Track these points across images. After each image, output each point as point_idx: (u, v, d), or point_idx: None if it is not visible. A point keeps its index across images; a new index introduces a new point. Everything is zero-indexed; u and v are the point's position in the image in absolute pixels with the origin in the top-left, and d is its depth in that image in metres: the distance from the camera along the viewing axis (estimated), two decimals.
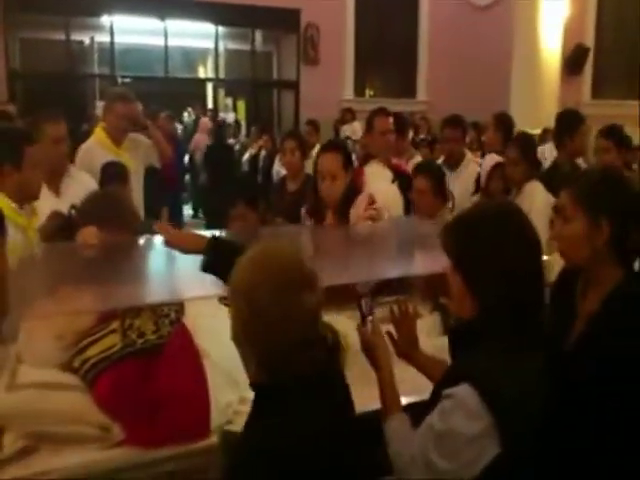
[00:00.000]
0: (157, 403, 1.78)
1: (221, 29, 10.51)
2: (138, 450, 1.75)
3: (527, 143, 3.57)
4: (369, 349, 1.66)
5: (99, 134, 3.84)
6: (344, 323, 2.18)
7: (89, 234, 2.13)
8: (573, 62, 10.09)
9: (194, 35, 10.96)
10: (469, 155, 4.31)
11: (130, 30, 10.15)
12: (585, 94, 10.69)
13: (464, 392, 1.27)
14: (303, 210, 3.05)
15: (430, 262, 1.93)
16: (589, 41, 10.53)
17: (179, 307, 2.02)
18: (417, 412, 1.43)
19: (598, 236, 1.48)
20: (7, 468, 1.62)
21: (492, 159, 3.95)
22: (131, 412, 1.77)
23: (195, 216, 9.40)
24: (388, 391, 1.56)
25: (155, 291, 2.09)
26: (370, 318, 1.71)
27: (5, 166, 2.39)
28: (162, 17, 9.81)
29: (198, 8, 9.57)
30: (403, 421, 1.49)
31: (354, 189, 2.83)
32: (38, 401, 1.72)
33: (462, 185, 3.86)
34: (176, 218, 7.93)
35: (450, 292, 1.43)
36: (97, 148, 3.77)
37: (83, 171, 3.41)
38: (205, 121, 10.43)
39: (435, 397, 1.36)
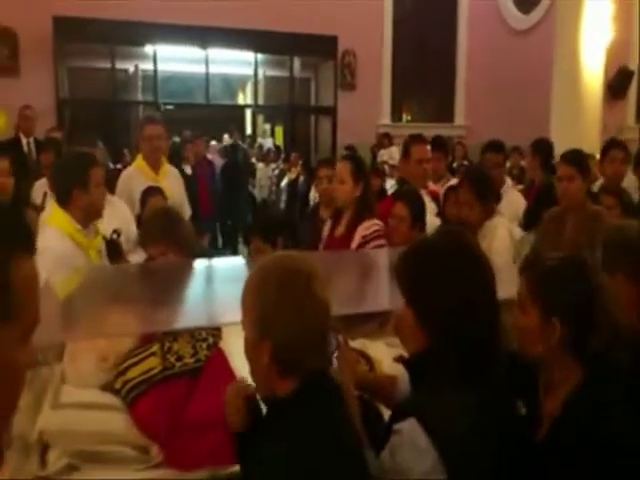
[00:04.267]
0: (194, 426, 1.80)
1: (260, 56, 10.73)
2: (176, 472, 1.76)
3: (480, 181, 3.17)
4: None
5: (139, 161, 3.96)
6: (379, 349, 2.18)
7: None
8: (616, 86, 9.91)
9: (234, 62, 11.22)
10: (509, 181, 4.29)
11: (172, 58, 10.45)
12: (629, 118, 10.49)
13: (410, 427, 1.25)
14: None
15: None
16: (633, 64, 10.35)
17: (217, 332, 2.05)
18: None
19: (550, 334, 1.39)
20: None
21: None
22: (169, 434, 1.79)
23: (225, 245, 9.45)
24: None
25: (194, 315, 2.12)
26: (335, 354, 1.64)
27: (74, 190, 2.50)
28: (203, 46, 10.08)
29: (238, 36, 9.81)
30: None
31: (367, 208, 3.02)
32: (80, 421, 1.77)
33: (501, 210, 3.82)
34: (210, 245, 8.05)
35: (402, 326, 1.40)
36: (136, 175, 3.87)
37: (117, 197, 3.55)
38: (214, 144, 10.96)
39: (389, 430, 1.34)
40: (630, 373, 1.48)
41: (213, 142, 11.04)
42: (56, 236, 2.39)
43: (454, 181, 3.97)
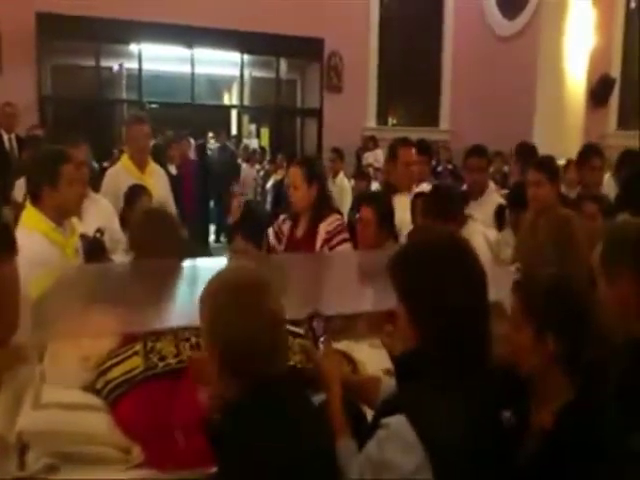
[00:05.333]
0: (177, 427, 1.79)
1: (246, 57, 10.72)
2: (157, 472, 1.75)
3: (442, 210, 2.98)
4: (319, 370, 1.64)
5: (124, 160, 3.94)
6: (364, 351, 2.18)
7: None
8: (599, 93, 10.04)
9: (220, 63, 11.19)
10: (492, 185, 4.31)
11: (158, 57, 10.40)
12: (611, 125, 10.63)
13: (398, 423, 1.26)
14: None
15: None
16: (615, 72, 10.49)
17: (200, 332, 2.03)
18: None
19: (544, 351, 1.42)
20: None
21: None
22: (151, 435, 1.78)
23: (217, 240, 9.48)
24: (335, 414, 1.53)
25: (177, 315, 2.11)
26: (322, 339, 1.68)
27: (43, 188, 2.45)
28: (189, 45, 10.04)
29: (224, 37, 9.79)
30: (347, 447, 1.47)
31: (326, 207, 3.10)
32: (61, 421, 1.74)
33: (484, 215, 3.84)
34: (201, 242, 8.01)
35: (396, 324, 1.42)
36: (122, 173, 3.86)
37: (101, 195, 3.53)
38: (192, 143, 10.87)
39: (375, 424, 1.35)
40: (630, 377, 1.49)
41: (191, 140, 10.98)
42: (28, 236, 2.33)
43: (424, 186, 3.88)
